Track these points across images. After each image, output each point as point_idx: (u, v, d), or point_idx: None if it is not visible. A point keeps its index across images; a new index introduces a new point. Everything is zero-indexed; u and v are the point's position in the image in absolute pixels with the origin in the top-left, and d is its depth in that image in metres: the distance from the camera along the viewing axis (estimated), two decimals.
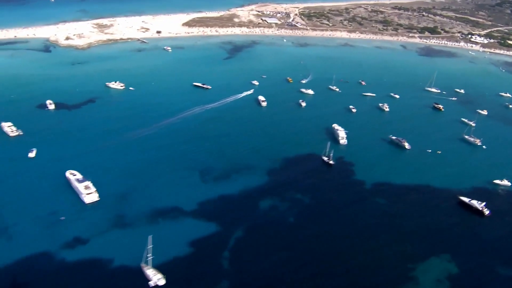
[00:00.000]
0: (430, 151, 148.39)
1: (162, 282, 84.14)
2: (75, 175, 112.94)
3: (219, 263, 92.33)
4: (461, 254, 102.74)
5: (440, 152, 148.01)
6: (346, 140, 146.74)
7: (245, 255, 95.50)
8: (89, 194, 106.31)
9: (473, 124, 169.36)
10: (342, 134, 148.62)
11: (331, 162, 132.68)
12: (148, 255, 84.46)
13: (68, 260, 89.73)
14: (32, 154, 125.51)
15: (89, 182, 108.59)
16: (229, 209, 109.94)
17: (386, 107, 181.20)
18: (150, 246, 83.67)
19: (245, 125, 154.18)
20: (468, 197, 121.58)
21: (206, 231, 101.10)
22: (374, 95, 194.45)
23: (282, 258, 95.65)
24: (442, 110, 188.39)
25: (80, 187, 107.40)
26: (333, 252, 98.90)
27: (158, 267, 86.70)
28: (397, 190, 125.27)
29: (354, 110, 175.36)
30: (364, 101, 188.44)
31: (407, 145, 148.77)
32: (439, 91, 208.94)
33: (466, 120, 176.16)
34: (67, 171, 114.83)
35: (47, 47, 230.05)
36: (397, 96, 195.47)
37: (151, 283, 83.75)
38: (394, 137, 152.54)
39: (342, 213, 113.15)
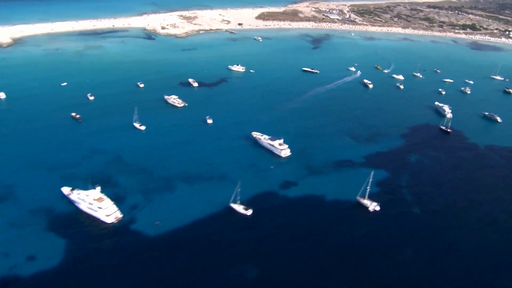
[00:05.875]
0: None
1: (378, 208, 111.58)
2: (262, 135, 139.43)
3: (404, 196, 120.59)
4: None
5: None
6: (451, 114, 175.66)
7: (419, 189, 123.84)
8: (283, 149, 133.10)
9: None
10: (447, 109, 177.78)
11: (449, 130, 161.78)
12: (367, 188, 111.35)
13: (289, 196, 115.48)
14: (210, 121, 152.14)
15: (282, 140, 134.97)
16: (387, 160, 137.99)
17: (468, 90, 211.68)
18: (370, 180, 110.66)
19: (363, 101, 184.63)
20: None
21: (381, 175, 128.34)
22: (452, 81, 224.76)
23: (445, 188, 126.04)
24: None
25: (275, 144, 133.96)
26: (477, 183, 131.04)
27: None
28: (505, 150, 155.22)
29: (443, 92, 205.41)
30: (446, 85, 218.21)
31: (499, 119, 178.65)
32: (502, 78, 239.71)
33: None
34: (252, 132, 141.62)
35: (148, 35, 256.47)
36: (471, 82, 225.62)
37: (370, 209, 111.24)
38: (487, 113, 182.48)
39: (472, 162, 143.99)
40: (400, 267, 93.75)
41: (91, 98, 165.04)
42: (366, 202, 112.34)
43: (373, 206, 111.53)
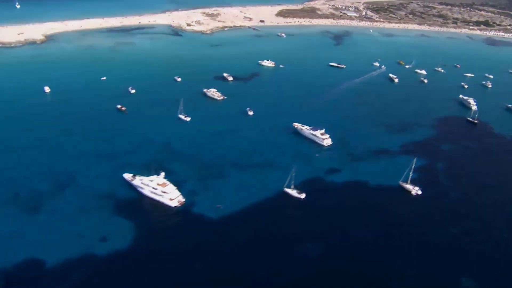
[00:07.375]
0: None
1: (419, 192, 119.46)
2: (303, 125, 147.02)
3: (441, 180, 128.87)
4: None
5: None
6: (476, 107, 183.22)
7: (454, 174, 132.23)
8: (325, 139, 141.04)
9: None
10: (472, 102, 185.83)
11: (475, 121, 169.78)
12: (410, 173, 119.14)
13: (337, 182, 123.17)
14: (251, 112, 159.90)
15: (323, 129, 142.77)
16: (421, 148, 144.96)
17: (489, 84, 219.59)
18: (413, 166, 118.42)
19: (391, 94, 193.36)
20: None
21: (418, 162, 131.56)
22: (473, 75, 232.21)
23: (478, 172, 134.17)
24: None
25: (317, 133, 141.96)
26: (506, 167, 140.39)
27: None
28: None
29: (466, 86, 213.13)
30: (467, 80, 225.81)
31: None
32: None
33: None
34: (294, 123, 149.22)
35: (175, 32, 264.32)
36: (491, 76, 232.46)
37: (413, 193, 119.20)
38: (510, 105, 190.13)
39: (500, 150, 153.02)
40: (445, 243, 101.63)
41: (133, 91, 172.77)
42: (409, 186, 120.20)
43: (415, 190, 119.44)
